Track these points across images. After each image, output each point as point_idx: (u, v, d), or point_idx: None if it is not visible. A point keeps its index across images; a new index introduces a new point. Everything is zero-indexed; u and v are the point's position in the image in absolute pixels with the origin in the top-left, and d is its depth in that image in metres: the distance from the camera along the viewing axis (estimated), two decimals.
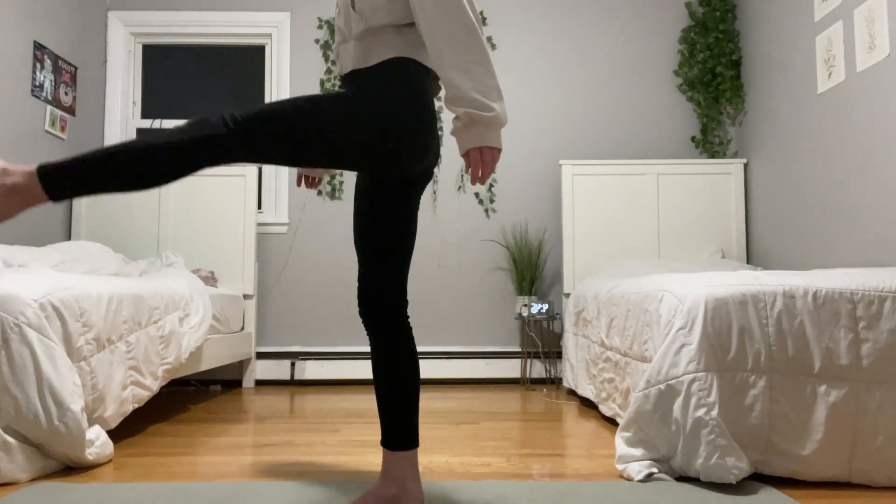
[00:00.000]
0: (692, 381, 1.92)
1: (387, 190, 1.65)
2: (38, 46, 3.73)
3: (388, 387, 1.65)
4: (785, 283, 2.02)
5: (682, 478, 1.96)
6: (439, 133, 1.67)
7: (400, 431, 1.65)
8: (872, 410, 1.91)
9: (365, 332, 4.23)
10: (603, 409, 2.82)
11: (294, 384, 4.16)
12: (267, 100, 4.39)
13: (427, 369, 4.16)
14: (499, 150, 1.47)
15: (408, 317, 1.71)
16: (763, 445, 1.92)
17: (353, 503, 1.64)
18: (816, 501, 1.79)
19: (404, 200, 1.67)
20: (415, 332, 4.25)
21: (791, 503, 1.73)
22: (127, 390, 2.42)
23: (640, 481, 1.93)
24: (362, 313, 1.68)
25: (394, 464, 1.66)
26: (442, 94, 3.98)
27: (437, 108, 1.60)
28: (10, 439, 1.95)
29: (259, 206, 4.33)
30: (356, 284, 4.24)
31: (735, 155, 4.26)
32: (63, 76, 3.98)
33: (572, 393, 3.81)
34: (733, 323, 1.97)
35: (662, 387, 1.97)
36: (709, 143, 4.26)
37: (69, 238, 4.08)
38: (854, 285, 2.00)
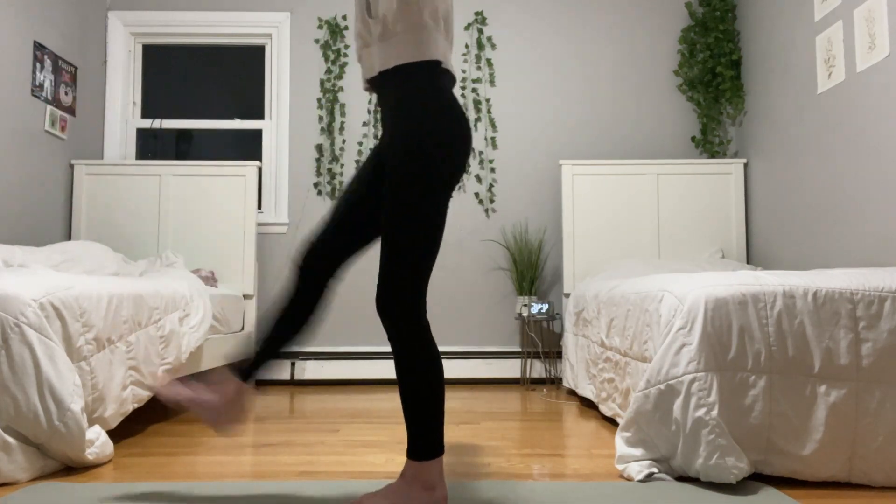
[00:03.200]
0: (692, 381, 1.92)
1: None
2: (38, 46, 3.73)
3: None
4: (785, 283, 2.03)
5: (682, 478, 1.96)
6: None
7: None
8: (872, 410, 1.91)
9: (379, 332, 4.23)
10: (603, 409, 2.82)
11: (294, 384, 4.16)
12: (266, 100, 4.40)
13: None
14: None
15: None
16: (763, 445, 1.92)
17: (372, 494, 1.62)
18: (816, 501, 1.79)
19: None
20: None
21: (791, 503, 1.73)
22: (127, 390, 2.42)
23: (640, 481, 1.93)
24: None
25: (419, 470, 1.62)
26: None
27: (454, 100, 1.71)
28: (10, 439, 1.95)
29: (259, 206, 4.33)
30: (356, 284, 4.24)
31: (735, 155, 4.26)
32: (63, 76, 3.98)
33: (572, 393, 3.81)
34: (733, 323, 1.97)
35: (662, 387, 1.97)
36: (709, 143, 4.26)
37: (69, 238, 4.08)
38: (854, 285, 2.00)
